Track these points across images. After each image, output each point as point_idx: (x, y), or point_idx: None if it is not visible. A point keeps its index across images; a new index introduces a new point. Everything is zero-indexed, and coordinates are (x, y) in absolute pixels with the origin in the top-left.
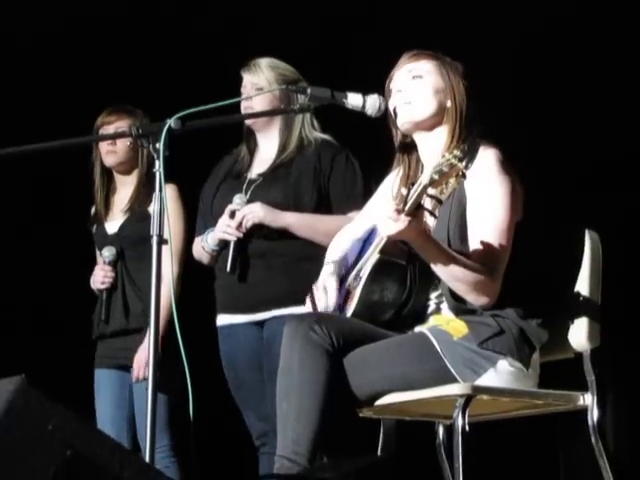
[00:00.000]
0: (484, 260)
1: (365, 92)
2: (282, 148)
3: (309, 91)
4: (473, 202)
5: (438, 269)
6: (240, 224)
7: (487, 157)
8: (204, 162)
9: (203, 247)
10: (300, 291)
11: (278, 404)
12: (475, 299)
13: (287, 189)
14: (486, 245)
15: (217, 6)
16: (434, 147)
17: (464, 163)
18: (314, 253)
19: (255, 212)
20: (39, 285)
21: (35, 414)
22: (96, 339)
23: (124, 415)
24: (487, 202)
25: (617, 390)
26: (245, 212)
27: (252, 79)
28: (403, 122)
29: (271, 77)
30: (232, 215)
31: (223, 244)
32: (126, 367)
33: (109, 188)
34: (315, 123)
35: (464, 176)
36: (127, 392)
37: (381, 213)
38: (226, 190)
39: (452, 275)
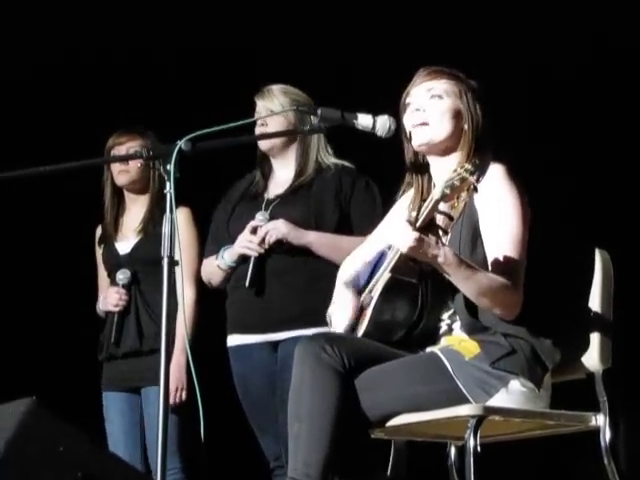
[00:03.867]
0: (504, 272)
1: (375, 113)
2: (300, 171)
3: (319, 112)
4: (486, 216)
5: (461, 284)
6: (263, 240)
7: (495, 171)
8: (218, 186)
9: (219, 265)
10: (317, 311)
11: (289, 425)
12: (500, 311)
13: (309, 208)
14: (504, 257)
15: (227, 29)
16: (448, 168)
17: (475, 176)
18: (332, 273)
19: (279, 228)
20: (47, 306)
21: (46, 435)
22: (103, 361)
23: (137, 438)
24: (500, 216)
25: (630, 411)
26: (269, 227)
27: (266, 104)
28: (419, 143)
29: (285, 102)
30: (254, 231)
31: (240, 261)
32: (136, 389)
33: (119, 208)
34: (329, 149)
35: (476, 189)
36: (138, 415)
37: (393, 228)
38: (242, 211)
39: (476, 289)
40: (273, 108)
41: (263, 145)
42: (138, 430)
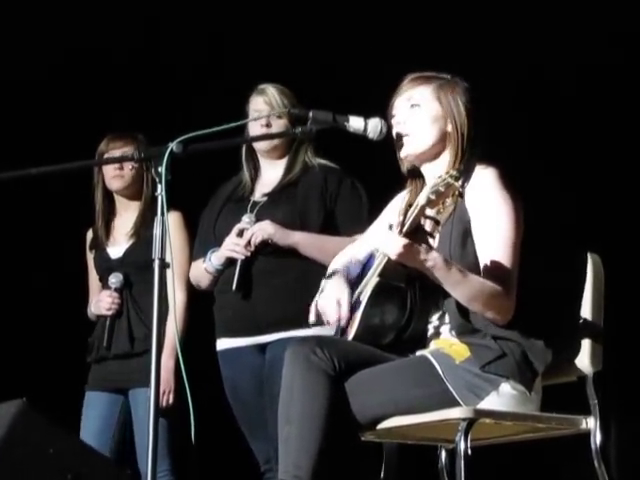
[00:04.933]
0: (497, 277)
1: (367, 115)
2: (288, 170)
3: (311, 114)
4: (478, 220)
5: (451, 289)
6: (249, 243)
7: (487, 175)
8: (209, 190)
9: (206, 268)
10: (304, 313)
11: (280, 428)
12: (493, 315)
13: (294, 208)
14: (496, 262)
15: (219, 31)
16: (440, 172)
17: (460, 182)
18: (319, 273)
19: (265, 229)
20: (38, 309)
21: (37, 437)
22: (92, 362)
23: (108, 439)
24: (493, 219)
25: (621, 413)
26: (254, 229)
27: (271, 101)
28: (405, 155)
29: (286, 102)
30: (240, 234)
31: (227, 263)
32: (122, 390)
33: (110, 212)
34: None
35: (461, 195)
36: (116, 416)
37: (380, 234)
38: (228, 213)
39: (467, 294)
40: (275, 106)
41: (264, 145)
42: (112, 432)
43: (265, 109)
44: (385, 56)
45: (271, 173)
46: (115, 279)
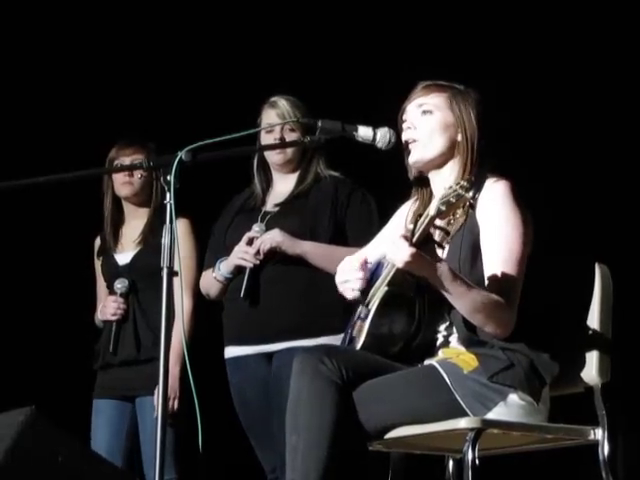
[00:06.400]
0: (500, 290)
1: (375, 125)
2: (299, 181)
3: (320, 124)
4: (486, 233)
5: (455, 300)
6: (258, 251)
7: (499, 188)
8: (216, 198)
9: (215, 277)
10: (311, 322)
11: (287, 437)
12: (493, 329)
13: (304, 218)
14: (501, 275)
15: (229, 40)
16: (447, 181)
17: (471, 193)
18: (327, 283)
19: (274, 237)
20: (46, 316)
21: (45, 446)
22: (98, 369)
23: (120, 447)
24: (501, 233)
25: (629, 424)
26: (264, 238)
27: (283, 114)
28: (414, 161)
29: (298, 114)
30: (250, 243)
31: (236, 272)
32: (129, 398)
33: (118, 219)
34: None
35: (472, 207)
36: (126, 423)
37: (389, 242)
38: (240, 223)
39: (470, 306)
40: (288, 119)
41: (278, 159)
42: (123, 440)
43: (275, 121)
44: (394, 66)
45: (283, 185)
46: (121, 284)
